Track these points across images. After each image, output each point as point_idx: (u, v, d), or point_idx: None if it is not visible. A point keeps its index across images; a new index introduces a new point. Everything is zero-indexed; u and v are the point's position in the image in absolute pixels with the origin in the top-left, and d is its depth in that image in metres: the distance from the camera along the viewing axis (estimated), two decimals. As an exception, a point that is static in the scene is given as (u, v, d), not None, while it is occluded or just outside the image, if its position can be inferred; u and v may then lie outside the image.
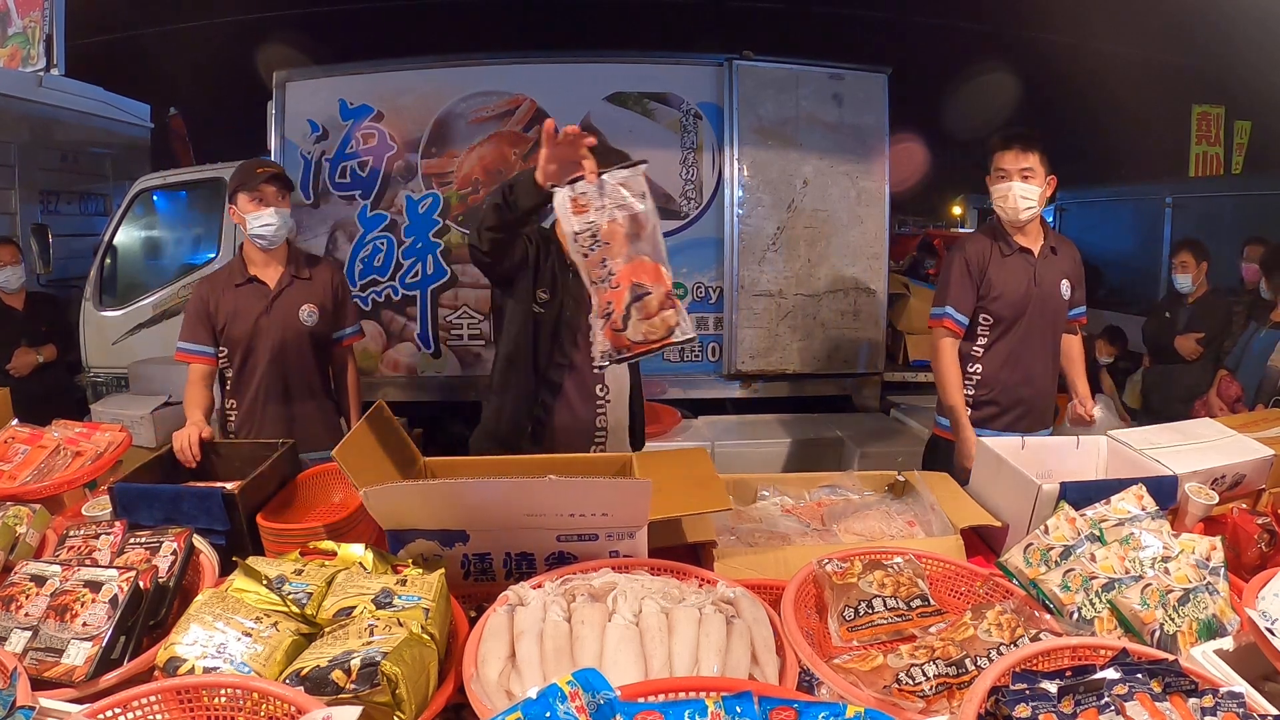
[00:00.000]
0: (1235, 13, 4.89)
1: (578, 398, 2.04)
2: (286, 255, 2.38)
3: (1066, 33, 8.57)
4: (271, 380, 2.33)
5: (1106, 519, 1.31)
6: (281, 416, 2.32)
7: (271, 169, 2.33)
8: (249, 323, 2.30)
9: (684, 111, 4.37)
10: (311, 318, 2.35)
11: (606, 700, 0.81)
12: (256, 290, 2.33)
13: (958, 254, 2.39)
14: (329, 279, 2.42)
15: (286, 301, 2.33)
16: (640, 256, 1.35)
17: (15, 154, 5.36)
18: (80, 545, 1.35)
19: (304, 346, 2.36)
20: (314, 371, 2.41)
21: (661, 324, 1.35)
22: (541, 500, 1.26)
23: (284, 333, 2.32)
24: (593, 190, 1.36)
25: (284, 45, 6.18)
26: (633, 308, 1.33)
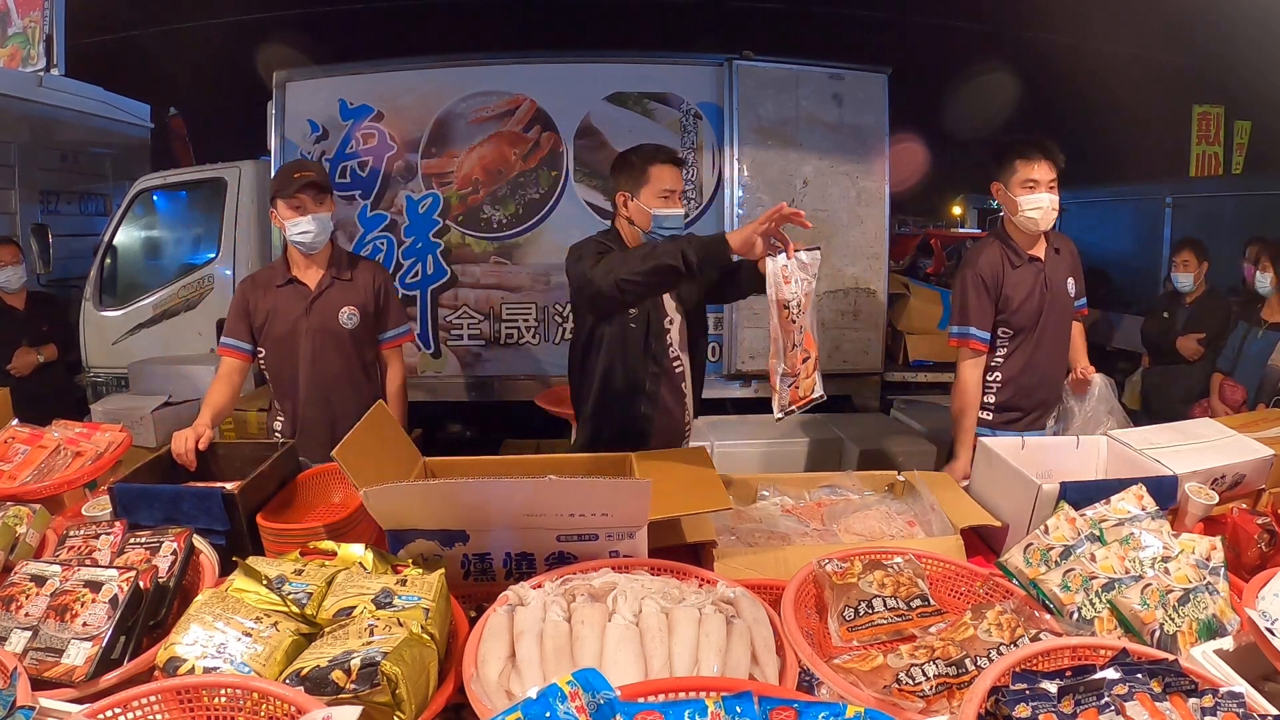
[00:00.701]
0: (1235, 13, 4.89)
1: (672, 400, 2.19)
2: (329, 257, 2.35)
3: (1066, 33, 8.57)
4: (312, 383, 2.32)
5: (1106, 519, 1.31)
6: (323, 419, 2.28)
7: (308, 174, 2.27)
8: (288, 324, 2.29)
9: (684, 111, 4.36)
10: (351, 320, 2.32)
11: (606, 700, 0.81)
12: (297, 291, 2.31)
13: (970, 270, 2.35)
14: (370, 280, 2.38)
15: (326, 303, 2.31)
16: (809, 328, 1.61)
17: (15, 154, 5.36)
18: (80, 545, 1.35)
19: (345, 348, 2.33)
20: (357, 374, 2.37)
21: (810, 383, 1.63)
22: (541, 500, 1.26)
23: (323, 335, 2.30)
24: (793, 265, 1.60)
25: (284, 45, 6.18)
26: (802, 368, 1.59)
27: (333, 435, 1.95)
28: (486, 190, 4.38)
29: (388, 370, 2.47)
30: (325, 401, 2.32)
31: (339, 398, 2.32)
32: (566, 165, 4.37)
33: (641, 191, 2.06)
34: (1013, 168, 2.26)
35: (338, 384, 2.33)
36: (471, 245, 4.40)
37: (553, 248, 4.37)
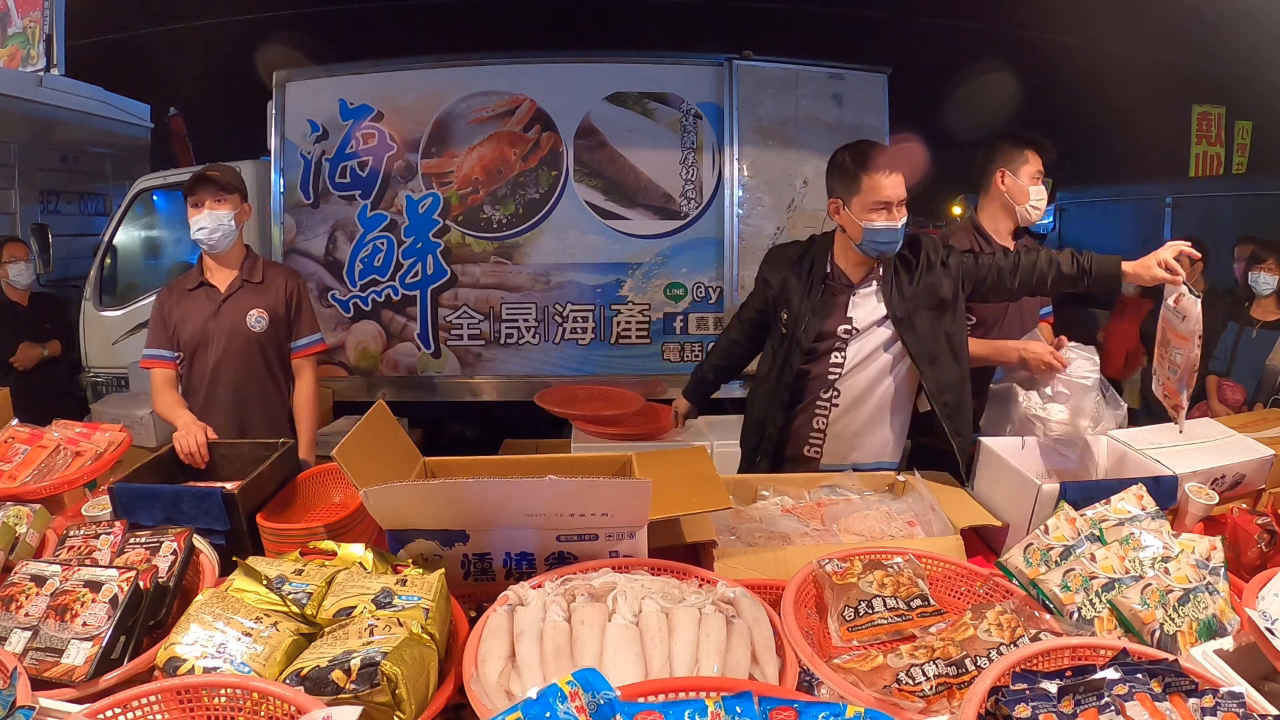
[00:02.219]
0: (1235, 13, 4.89)
1: (805, 403, 2.06)
2: (240, 260, 2.35)
3: (1066, 33, 8.57)
4: (217, 385, 2.31)
5: (1106, 519, 1.31)
6: (228, 422, 2.27)
7: (211, 173, 2.27)
8: (197, 325, 2.30)
9: (684, 111, 4.37)
10: (260, 323, 2.31)
11: (606, 700, 0.81)
12: (207, 294, 2.33)
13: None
14: (283, 285, 2.37)
15: (234, 306, 2.31)
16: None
17: (15, 154, 5.36)
18: (80, 545, 1.35)
19: (252, 353, 2.32)
20: (264, 380, 2.36)
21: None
22: (541, 500, 1.26)
23: (231, 337, 2.30)
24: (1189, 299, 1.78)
25: (284, 45, 6.17)
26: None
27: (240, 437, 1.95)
28: (486, 190, 4.38)
29: (298, 380, 2.44)
30: (231, 405, 2.31)
31: (245, 401, 2.32)
32: (566, 165, 4.37)
33: (853, 202, 1.93)
34: (1025, 158, 2.27)
35: (245, 387, 2.33)
36: (471, 245, 4.40)
37: (553, 248, 4.38)
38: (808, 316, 2.00)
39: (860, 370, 2.01)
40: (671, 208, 4.34)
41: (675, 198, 4.36)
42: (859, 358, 2.00)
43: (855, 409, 2.03)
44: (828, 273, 2.04)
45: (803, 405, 2.06)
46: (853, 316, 1.99)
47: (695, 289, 4.38)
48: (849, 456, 2.07)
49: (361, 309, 4.45)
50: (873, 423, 2.05)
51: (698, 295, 4.38)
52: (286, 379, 2.44)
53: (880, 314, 1.97)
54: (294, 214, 4.44)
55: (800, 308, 2.02)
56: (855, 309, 1.99)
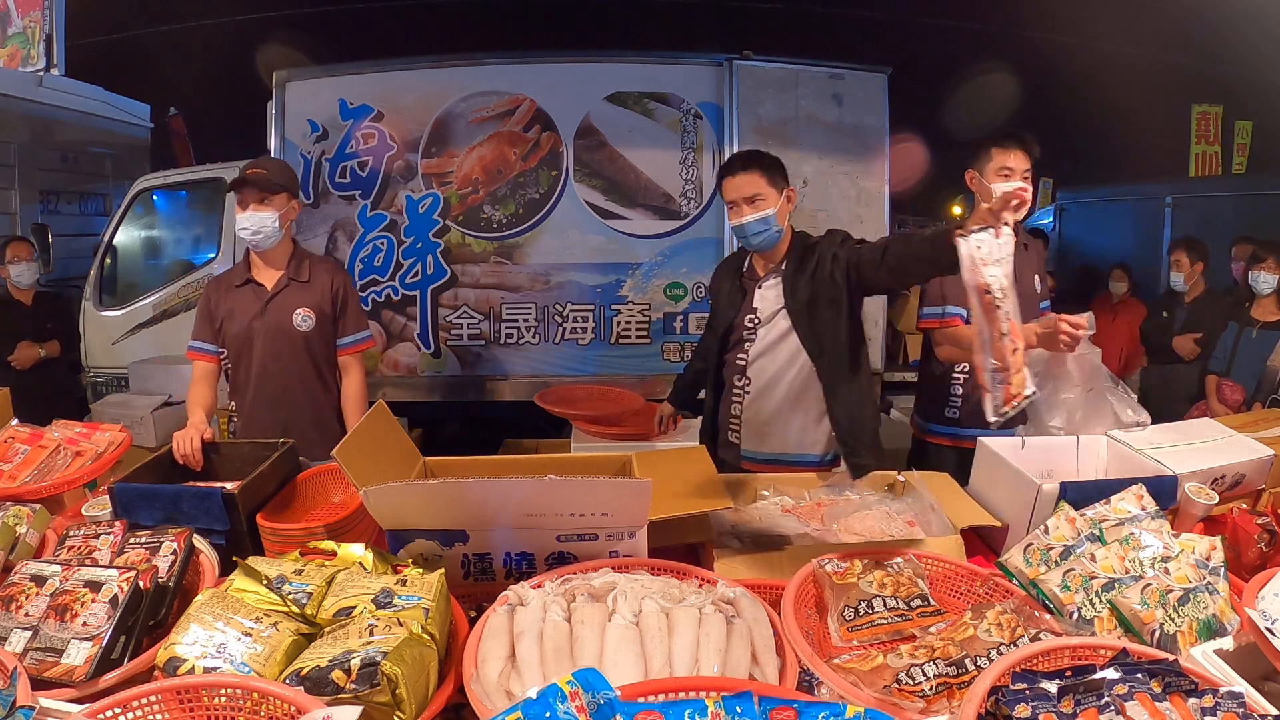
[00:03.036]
0: (1235, 13, 4.89)
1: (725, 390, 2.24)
2: (288, 258, 2.33)
3: (1066, 33, 8.58)
4: (265, 384, 2.31)
5: (1106, 519, 1.31)
6: (276, 421, 2.27)
7: (256, 171, 2.24)
8: (244, 324, 2.29)
9: (684, 111, 4.36)
10: (306, 322, 2.30)
11: (606, 700, 0.81)
12: (254, 292, 2.31)
13: None
14: (328, 283, 2.35)
15: (280, 304, 2.30)
16: (1014, 317, 1.36)
17: (15, 154, 5.36)
18: (80, 545, 1.35)
19: (298, 351, 2.31)
20: (311, 377, 2.34)
21: (1022, 379, 1.36)
22: (541, 500, 1.26)
23: (277, 336, 2.29)
24: (992, 243, 1.38)
25: (284, 45, 6.19)
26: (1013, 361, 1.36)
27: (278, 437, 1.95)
28: (486, 190, 4.38)
29: (345, 377, 2.43)
30: (277, 403, 2.31)
31: (291, 400, 2.31)
32: (566, 165, 4.37)
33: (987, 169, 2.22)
34: (988, 155, 2.26)
35: (290, 386, 2.32)
36: (471, 245, 4.40)
37: (553, 248, 4.38)
38: (724, 308, 2.22)
39: (765, 357, 2.14)
40: (671, 208, 4.34)
41: (675, 198, 4.36)
42: (764, 346, 2.14)
43: (765, 396, 2.15)
44: (744, 270, 2.24)
45: (724, 393, 2.25)
46: (758, 307, 2.15)
47: (695, 289, 4.38)
48: (767, 443, 2.18)
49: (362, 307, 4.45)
50: (785, 411, 2.15)
51: (698, 295, 4.38)
52: (334, 376, 2.42)
53: (779, 305, 2.11)
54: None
55: (722, 303, 2.24)
56: (760, 300, 2.15)
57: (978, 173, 2.30)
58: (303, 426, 2.27)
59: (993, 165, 2.26)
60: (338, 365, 2.42)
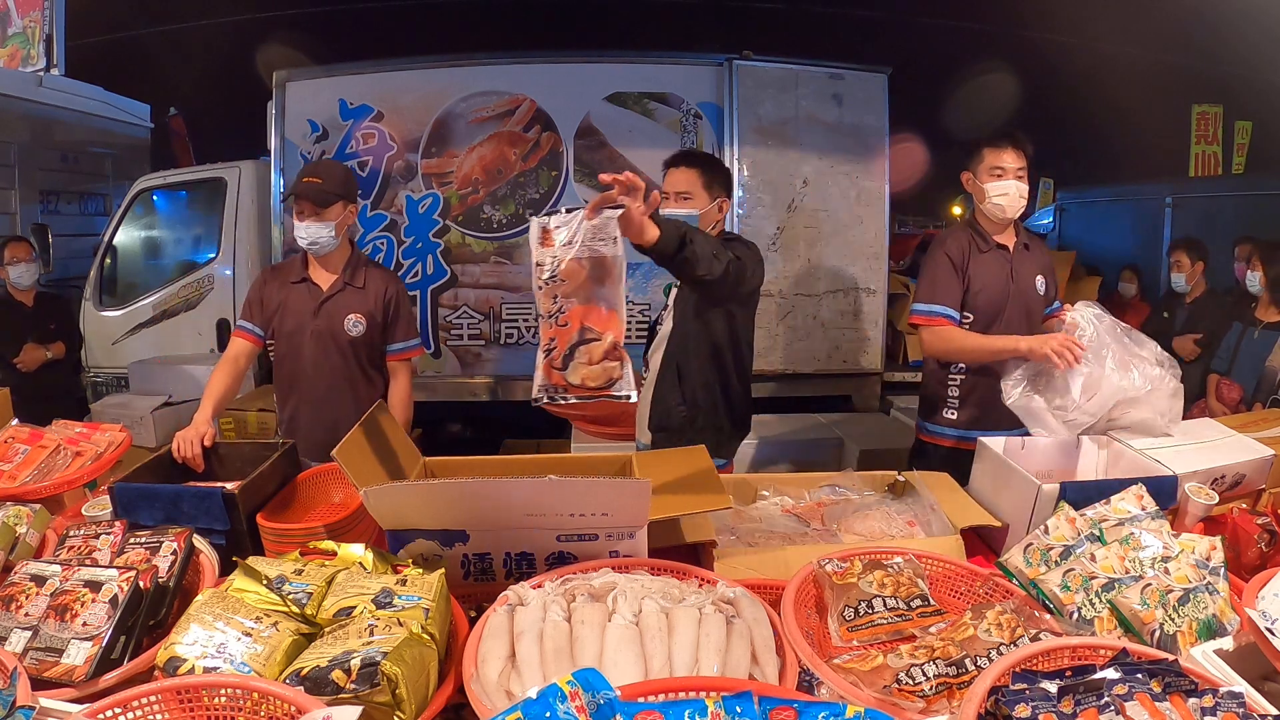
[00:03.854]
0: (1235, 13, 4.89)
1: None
2: (345, 261, 2.35)
3: (1066, 33, 8.58)
4: (312, 385, 2.33)
5: (1106, 519, 1.31)
6: (320, 422, 2.27)
7: (313, 182, 2.25)
8: (296, 322, 2.31)
9: (684, 111, 4.37)
10: (357, 327, 2.31)
11: (606, 700, 0.81)
12: (309, 291, 2.32)
13: (940, 250, 2.35)
14: (382, 291, 2.36)
15: (334, 308, 2.31)
16: (597, 302, 1.32)
17: (15, 154, 5.36)
18: (80, 545, 1.35)
19: (347, 355, 2.32)
20: (360, 382, 2.36)
21: (602, 373, 1.32)
22: (541, 500, 1.26)
23: (328, 339, 2.30)
24: (566, 225, 1.33)
25: (284, 45, 6.19)
26: (577, 350, 1.31)
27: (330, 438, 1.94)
28: (486, 190, 4.38)
29: (393, 381, 2.44)
30: (323, 404, 2.32)
31: (338, 403, 2.31)
32: (566, 165, 4.37)
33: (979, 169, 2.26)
34: (980, 155, 2.27)
35: (337, 389, 2.33)
36: (471, 245, 4.40)
37: (553, 248, 4.37)
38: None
39: (657, 349, 2.24)
40: (671, 207, 4.34)
41: (675, 197, 4.36)
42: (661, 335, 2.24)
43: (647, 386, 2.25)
44: None
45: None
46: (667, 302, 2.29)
47: (695, 289, 4.38)
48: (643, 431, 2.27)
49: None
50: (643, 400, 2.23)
51: (698, 295, 4.39)
52: (380, 379, 2.43)
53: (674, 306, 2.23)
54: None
55: None
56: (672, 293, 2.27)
57: (972, 173, 2.31)
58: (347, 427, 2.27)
59: (984, 165, 2.27)
60: (384, 369, 2.44)
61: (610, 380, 1.31)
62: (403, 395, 2.44)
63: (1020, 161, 2.24)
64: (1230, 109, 8.39)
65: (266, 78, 4.44)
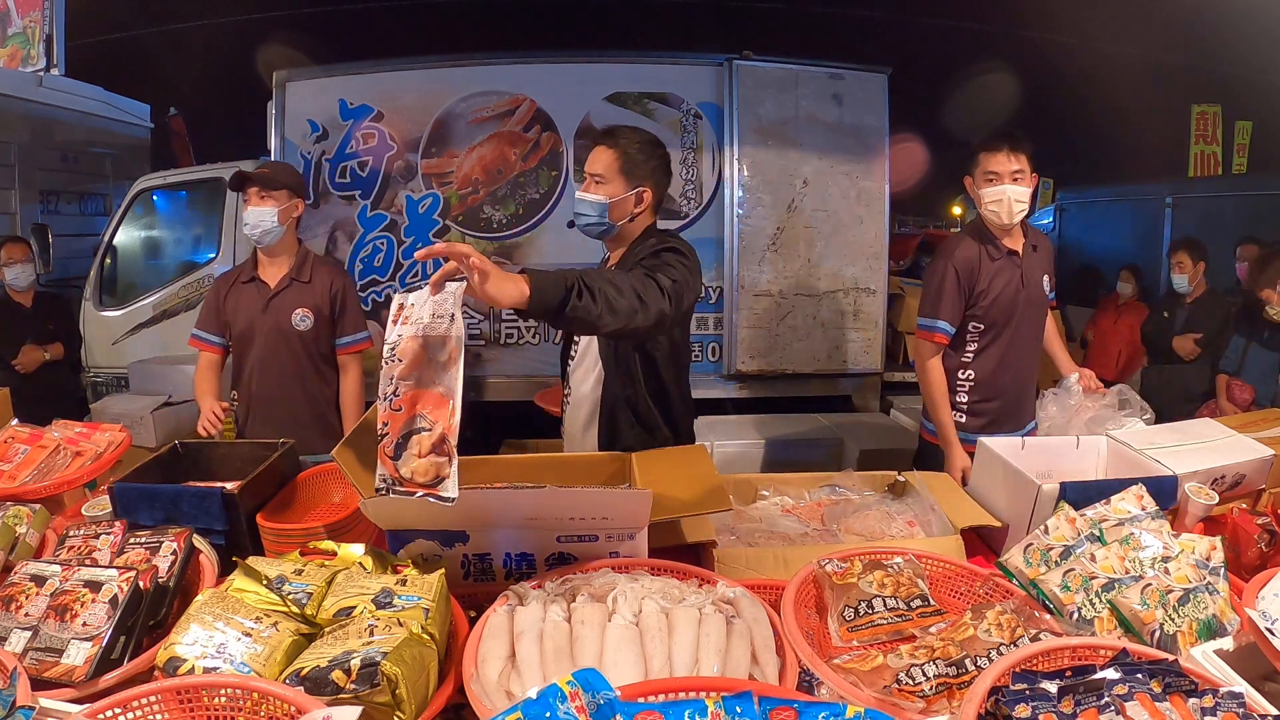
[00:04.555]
0: (1235, 13, 4.90)
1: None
2: (292, 257, 2.39)
3: (1066, 33, 8.58)
4: (264, 380, 2.38)
5: (1106, 519, 1.31)
6: (271, 417, 2.34)
7: (261, 169, 2.33)
8: (247, 321, 2.36)
9: (684, 111, 4.37)
10: (304, 322, 2.35)
11: (606, 700, 0.81)
12: (257, 289, 2.37)
13: (946, 263, 2.32)
14: (329, 284, 2.40)
15: (281, 303, 2.36)
16: (431, 386, 1.15)
17: (15, 154, 5.36)
18: (80, 545, 1.35)
19: (296, 350, 2.37)
20: (310, 376, 2.40)
21: (431, 468, 1.13)
22: (540, 506, 1.27)
23: (276, 335, 2.35)
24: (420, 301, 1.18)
25: (284, 45, 6.19)
26: (410, 438, 1.14)
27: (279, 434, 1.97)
28: (486, 190, 4.38)
29: (343, 376, 2.47)
30: (274, 400, 2.38)
31: (288, 398, 2.37)
32: (566, 165, 4.37)
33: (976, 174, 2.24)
34: (977, 160, 2.25)
35: (288, 384, 2.38)
36: (471, 245, 4.40)
37: (553, 248, 4.38)
38: None
39: (579, 366, 2.00)
40: (671, 208, 4.34)
41: (675, 198, 4.36)
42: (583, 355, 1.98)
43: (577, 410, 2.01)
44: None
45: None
46: None
47: (695, 289, 4.38)
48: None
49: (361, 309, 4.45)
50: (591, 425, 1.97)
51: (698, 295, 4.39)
52: (333, 374, 2.48)
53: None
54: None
55: None
56: None
57: (971, 178, 2.29)
58: (302, 422, 2.35)
59: (980, 171, 2.25)
60: (336, 364, 2.47)
61: (438, 478, 1.13)
62: (354, 390, 2.47)
63: (1016, 164, 2.19)
64: (1230, 109, 8.39)
65: (266, 78, 4.44)
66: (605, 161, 1.85)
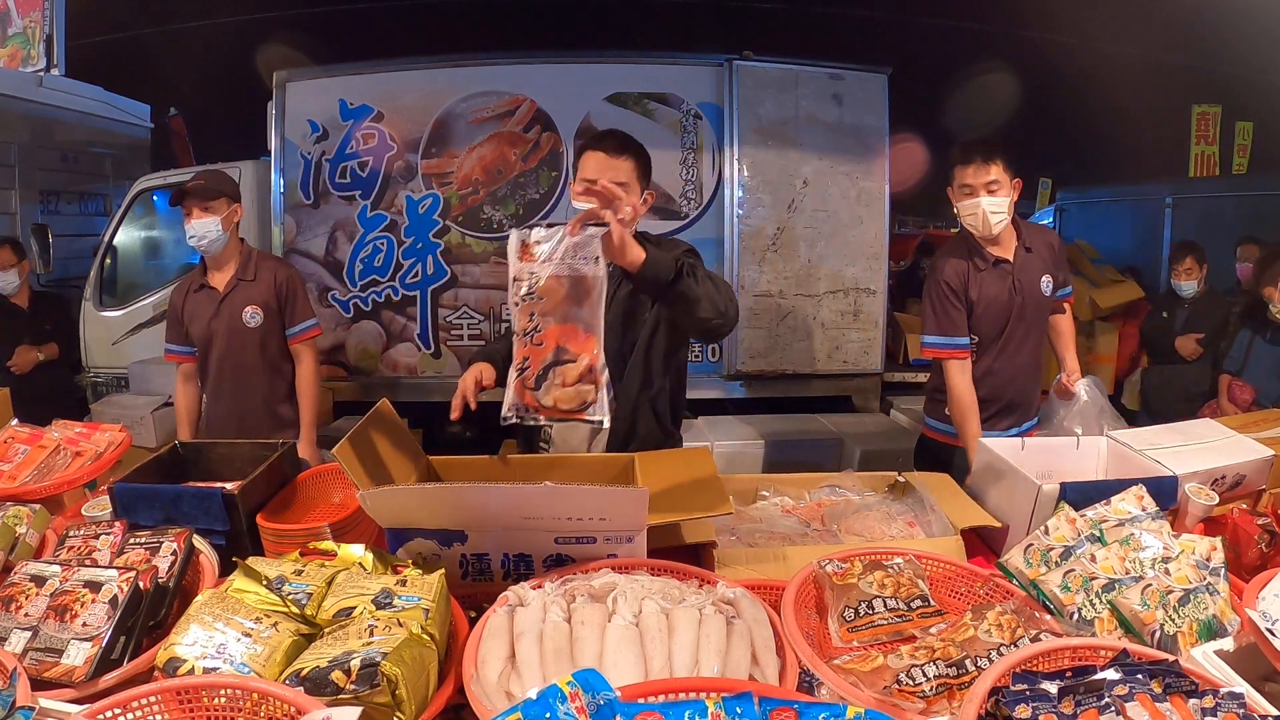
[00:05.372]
0: (1235, 13, 4.90)
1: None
2: (237, 259, 2.47)
3: (1066, 33, 8.58)
4: (222, 379, 2.47)
5: (1107, 519, 1.31)
6: (232, 414, 2.45)
7: (193, 183, 2.39)
8: (202, 325, 2.45)
9: (684, 112, 4.37)
10: (255, 319, 2.43)
11: (606, 701, 0.81)
12: (208, 295, 2.46)
13: (937, 280, 2.31)
14: (273, 279, 2.47)
15: (231, 304, 2.44)
16: (575, 322, 1.27)
17: (15, 154, 5.36)
18: (80, 545, 1.35)
19: (251, 347, 2.45)
20: (264, 371, 2.49)
21: (576, 396, 1.27)
22: (539, 505, 1.26)
23: (230, 335, 2.43)
24: (547, 239, 1.29)
25: (284, 45, 6.19)
26: (552, 370, 1.26)
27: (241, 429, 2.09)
28: (486, 190, 4.38)
29: (298, 365, 2.56)
30: (234, 397, 2.47)
31: (247, 393, 2.46)
32: (566, 165, 4.37)
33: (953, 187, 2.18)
34: (953, 173, 2.22)
35: (246, 381, 2.47)
36: (471, 245, 4.40)
37: (553, 248, 4.37)
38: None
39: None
40: (671, 208, 4.34)
41: (675, 198, 4.36)
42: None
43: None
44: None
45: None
46: None
47: (695, 289, 4.38)
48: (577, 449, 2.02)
49: (361, 309, 4.46)
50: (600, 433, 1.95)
51: (698, 295, 4.38)
52: (288, 365, 2.57)
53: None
54: (294, 214, 4.44)
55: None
56: None
57: (951, 189, 2.27)
58: (258, 414, 2.48)
59: (955, 183, 2.22)
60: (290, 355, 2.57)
61: (584, 403, 1.26)
62: (309, 378, 2.56)
63: (985, 175, 2.15)
64: (1230, 109, 8.38)
65: (266, 78, 4.44)
66: (626, 170, 1.89)
